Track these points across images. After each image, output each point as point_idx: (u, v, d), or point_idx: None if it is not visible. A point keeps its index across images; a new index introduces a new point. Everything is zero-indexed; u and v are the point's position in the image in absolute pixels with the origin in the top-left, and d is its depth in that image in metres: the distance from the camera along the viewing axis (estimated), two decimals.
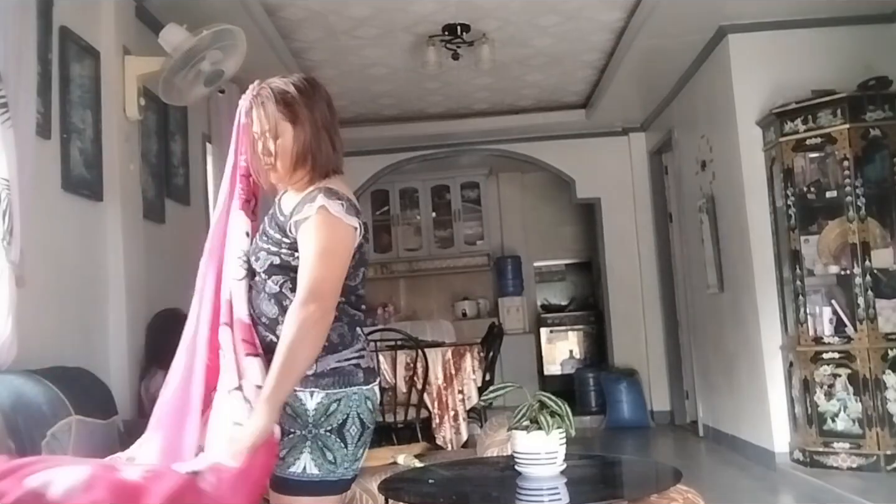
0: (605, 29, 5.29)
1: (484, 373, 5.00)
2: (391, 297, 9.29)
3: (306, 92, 1.97)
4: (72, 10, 3.32)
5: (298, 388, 1.84)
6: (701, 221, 5.95)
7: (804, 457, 4.55)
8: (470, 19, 4.98)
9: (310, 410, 1.85)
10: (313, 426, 1.85)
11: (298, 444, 1.84)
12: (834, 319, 4.55)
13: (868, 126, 4.48)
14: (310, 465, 1.84)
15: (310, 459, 1.84)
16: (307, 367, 1.82)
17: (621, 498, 2.29)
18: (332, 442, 1.86)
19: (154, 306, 3.78)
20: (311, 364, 1.83)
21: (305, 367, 1.82)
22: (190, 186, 4.85)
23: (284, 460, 1.84)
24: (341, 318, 1.92)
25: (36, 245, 2.81)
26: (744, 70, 5.09)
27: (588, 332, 9.00)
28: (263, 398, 1.78)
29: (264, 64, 5.10)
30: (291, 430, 1.85)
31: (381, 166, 7.79)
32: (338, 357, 1.90)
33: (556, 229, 9.32)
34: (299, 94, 1.96)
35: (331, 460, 1.85)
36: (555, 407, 2.19)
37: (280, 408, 1.80)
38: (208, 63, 3.53)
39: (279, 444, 1.83)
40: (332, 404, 1.86)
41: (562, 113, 7.20)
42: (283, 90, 1.96)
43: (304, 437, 1.85)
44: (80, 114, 3.36)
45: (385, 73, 5.92)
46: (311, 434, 1.84)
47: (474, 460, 3.02)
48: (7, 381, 2.33)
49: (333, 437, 1.86)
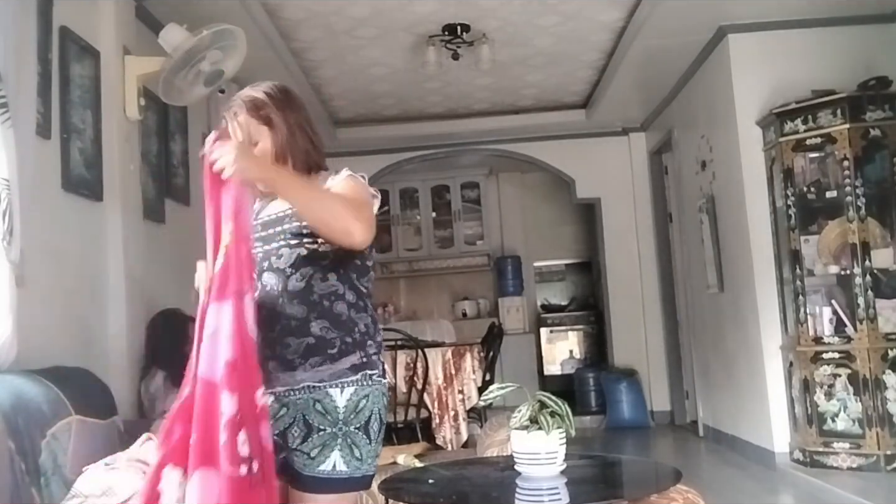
0: (605, 29, 5.29)
1: (484, 373, 4.99)
2: (391, 297, 9.30)
3: (276, 96, 2.02)
4: (72, 10, 3.32)
5: (329, 382, 1.87)
6: (701, 221, 5.95)
7: (804, 457, 4.55)
8: (470, 19, 4.98)
9: (340, 408, 1.87)
10: (343, 423, 1.87)
11: (329, 441, 1.86)
12: (834, 319, 4.55)
13: (868, 126, 4.48)
14: (339, 463, 1.86)
15: (339, 457, 1.86)
16: (317, 217, 1.81)
17: (621, 498, 2.29)
18: (359, 439, 1.88)
19: (154, 306, 3.78)
20: (319, 220, 1.82)
21: (316, 215, 1.81)
22: (190, 186, 4.85)
23: (314, 459, 1.86)
24: (366, 308, 1.97)
25: (36, 245, 2.81)
26: (744, 70, 5.09)
27: (588, 332, 9.00)
28: (278, 170, 1.88)
29: (264, 64, 5.12)
30: (322, 427, 1.86)
31: (381, 166, 7.78)
32: (365, 350, 1.93)
33: (556, 229, 9.32)
34: (269, 99, 2.00)
35: (358, 457, 1.88)
36: (555, 407, 2.19)
37: (272, 183, 1.82)
38: (208, 63, 3.53)
39: (268, 411, 1.78)
40: (361, 401, 1.89)
41: (562, 113, 7.20)
42: (252, 97, 2.01)
43: (335, 434, 1.86)
44: (80, 114, 3.36)
45: (385, 73, 5.92)
46: (341, 431, 1.87)
47: (474, 460, 3.02)
48: (7, 381, 2.33)
49: (361, 434, 1.88)
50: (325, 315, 1.90)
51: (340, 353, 1.90)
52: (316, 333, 1.89)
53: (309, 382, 1.88)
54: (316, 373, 1.88)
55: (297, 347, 1.89)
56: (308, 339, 1.89)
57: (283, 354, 1.89)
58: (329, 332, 1.90)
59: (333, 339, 1.90)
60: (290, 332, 1.90)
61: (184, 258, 4.86)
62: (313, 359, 1.88)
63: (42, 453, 2.28)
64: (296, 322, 1.90)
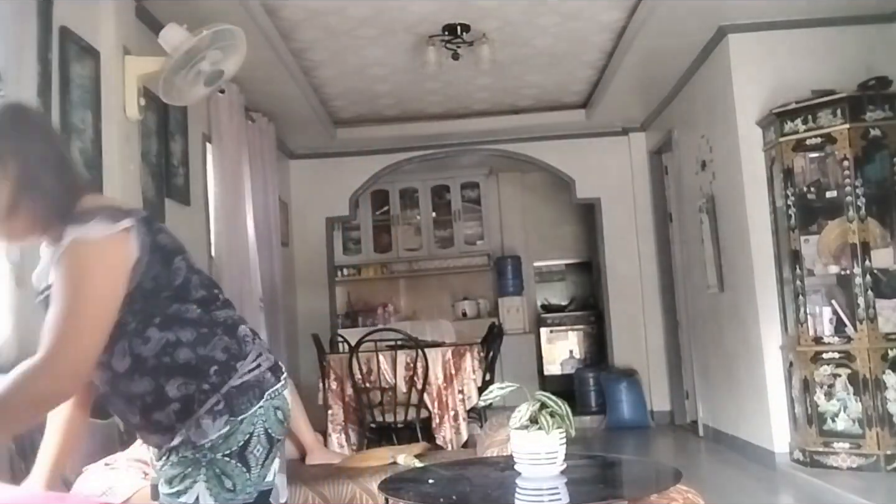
0: (605, 29, 5.29)
1: (484, 373, 5.00)
2: (391, 297, 9.31)
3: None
4: (72, 10, 3.32)
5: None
6: (701, 221, 5.95)
7: (804, 457, 4.55)
8: (470, 19, 4.98)
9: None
10: (209, 450, 1.58)
11: (191, 470, 1.58)
12: (834, 319, 4.55)
13: (868, 126, 4.48)
14: (204, 496, 1.57)
15: (204, 489, 1.57)
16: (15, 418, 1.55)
17: (621, 498, 2.28)
18: (231, 468, 1.58)
19: None
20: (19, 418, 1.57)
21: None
22: (190, 186, 4.85)
23: (174, 488, 1.58)
24: (214, 330, 1.64)
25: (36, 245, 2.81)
26: (744, 70, 5.09)
27: (588, 332, 9.00)
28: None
29: (264, 64, 5.14)
30: (183, 453, 1.59)
31: (381, 166, 7.79)
32: (237, 377, 1.63)
33: (556, 229, 9.32)
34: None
35: (229, 488, 1.58)
36: (555, 407, 2.19)
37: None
38: (208, 63, 3.52)
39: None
40: (232, 427, 1.59)
41: (562, 113, 7.20)
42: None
43: (198, 461, 1.58)
44: (80, 114, 3.36)
45: (385, 73, 5.92)
46: (205, 458, 1.58)
47: (474, 460, 3.02)
48: None
49: (234, 462, 1.59)
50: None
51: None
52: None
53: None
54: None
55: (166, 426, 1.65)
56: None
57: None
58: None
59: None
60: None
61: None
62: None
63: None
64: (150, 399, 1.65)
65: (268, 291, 5.77)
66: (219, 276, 4.99)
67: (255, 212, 5.61)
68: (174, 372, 1.58)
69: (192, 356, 1.59)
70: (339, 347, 5.66)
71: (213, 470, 1.58)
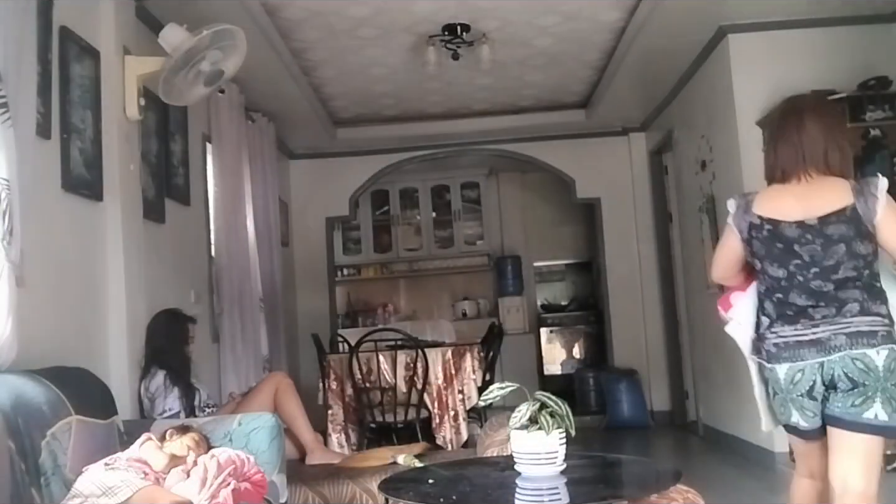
0: (605, 29, 5.29)
1: (484, 373, 4.99)
2: (391, 297, 9.31)
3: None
4: (72, 10, 3.32)
5: (868, 347, 2.28)
6: (701, 221, 5.94)
7: None
8: (470, 19, 4.98)
9: (880, 367, 2.27)
10: (884, 380, 2.27)
11: (871, 395, 2.28)
12: None
13: (868, 126, 4.48)
14: (881, 413, 2.28)
15: (880, 408, 2.28)
16: None
17: (621, 498, 2.29)
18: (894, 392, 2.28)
19: (154, 306, 3.78)
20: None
21: None
22: (190, 186, 4.85)
23: (858, 407, 2.30)
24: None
25: (36, 245, 2.81)
26: (744, 70, 5.09)
27: (588, 332, 9.00)
28: None
29: (264, 64, 5.14)
30: (864, 382, 2.28)
31: (381, 166, 7.79)
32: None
33: (556, 229, 9.32)
34: None
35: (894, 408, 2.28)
36: (555, 407, 2.19)
37: None
38: (208, 63, 3.52)
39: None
40: (892, 363, 2.27)
41: (562, 113, 7.20)
42: None
43: (876, 388, 2.28)
44: (80, 114, 3.36)
45: (385, 73, 5.92)
46: (881, 387, 2.28)
47: (474, 460, 3.03)
48: (7, 381, 2.33)
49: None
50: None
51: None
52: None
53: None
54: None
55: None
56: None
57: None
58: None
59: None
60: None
61: (184, 258, 4.88)
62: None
63: (42, 453, 2.28)
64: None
65: (268, 291, 5.77)
66: (219, 276, 5.00)
67: (255, 212, 5.61)
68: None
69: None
70: (339, 347, 5.66)
71: (886, 395, 2.29)
